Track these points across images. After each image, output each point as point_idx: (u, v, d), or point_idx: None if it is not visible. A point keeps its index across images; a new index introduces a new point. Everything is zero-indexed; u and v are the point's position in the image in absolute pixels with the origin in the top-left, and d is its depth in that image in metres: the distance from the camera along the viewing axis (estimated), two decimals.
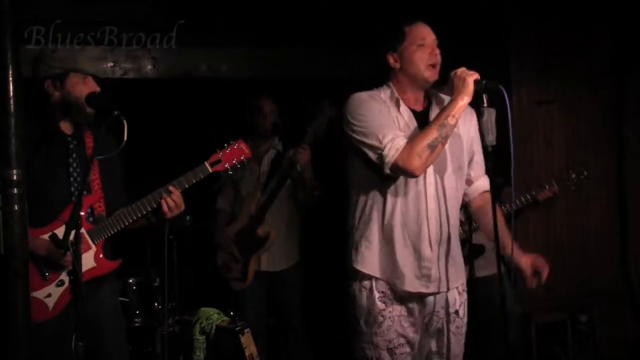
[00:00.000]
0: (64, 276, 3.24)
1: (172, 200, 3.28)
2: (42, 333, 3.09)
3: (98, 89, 3.30)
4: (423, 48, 3.08)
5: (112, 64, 5.37)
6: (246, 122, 4.98)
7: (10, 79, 2.64)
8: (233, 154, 3.42)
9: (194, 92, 5.76)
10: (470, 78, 2.93)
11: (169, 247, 4.01)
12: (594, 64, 5.22)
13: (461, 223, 3.88)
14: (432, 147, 2.91)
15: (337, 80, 5.41)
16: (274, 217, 4.84)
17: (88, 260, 3.23)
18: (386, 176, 3.03)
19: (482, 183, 3.27)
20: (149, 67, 5.46)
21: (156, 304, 4.48)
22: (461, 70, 2.98)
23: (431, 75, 3.09)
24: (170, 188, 3.28)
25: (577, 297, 5.10)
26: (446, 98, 3.11)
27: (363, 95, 3.13)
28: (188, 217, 4.32)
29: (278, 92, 5.08)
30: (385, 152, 2.95)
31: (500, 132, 2.92)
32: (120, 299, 3.84)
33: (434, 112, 3.14)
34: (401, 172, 2.98)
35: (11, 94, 2.64)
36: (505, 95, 2.86)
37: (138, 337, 4.35)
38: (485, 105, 2.91)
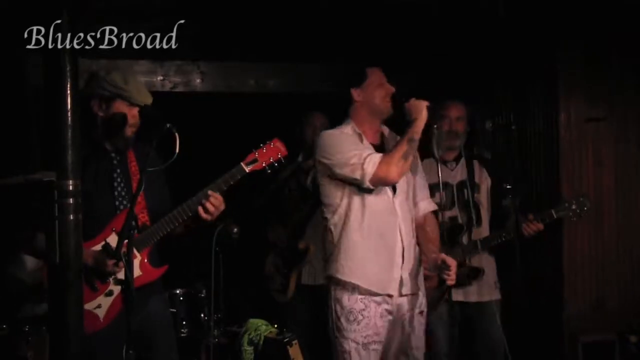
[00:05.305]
0: (112, 286, 3.29)
1: (211, 204, 3.32)
2: (94, 345, 3.10)
3: (139, 120, 3.36)
4: (382, 86, 3.72)
5: (161, 77, 5.45)
6: (296, 136, 5.01)
7: (68, 91, 2.69)
8: (269, 152, 3.45)
9: (242, 106, 5.82)
10: (423, 105, 3.56)
11: (216, 258, 4.05)
12: None
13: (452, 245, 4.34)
14: (405, 157, 3.51)
15: None
16: (317, 231, 4.86)
17: (134, 269, 3.23)
18: (364, 191, 3.58)
19: (425, 205, 3.84)
20: (198, 81, 5.54)
21: (202, 315, 4.52)
22: (414, 100, 3.60)
23: (388, 105, 3.70)
24: (209, 192, 3.32)
25: (626, 317, 5.00)
26: (392, 133, 3.80)
27: (334, 131, 3.76)
28: (235, 229, 4.35)
29: (325, 107, 5.11)
30: (365, 166, 3.50)
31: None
32: None
33: (388, 144, 3.75)
34: (381, 181, 3.55)
35: (69, 106, 2.70)
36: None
37: (184, 348, 4.38)
38: (435, 126, 3.63)
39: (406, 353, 3.69)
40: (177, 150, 3.09)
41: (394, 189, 3.67)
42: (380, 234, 3.62)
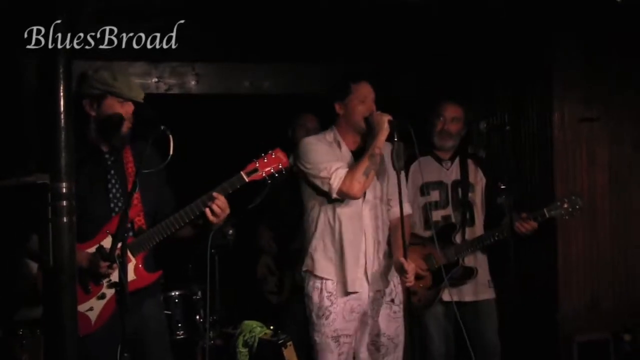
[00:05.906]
0: (105, 289, 3.28)
1: (217, 206, 3.30)
2: (88, 347, 3.08)
3: (132, 115, 3.35)
4: (364, 103, 3.87)
5: (156, 79, 5.45)
6: (288, 137, 5.01)
7: (61, 94, 2.68)
8: (270, 162, 3.41)
9: (237, 108, 5.81)
10: (384, 119, 3.75)
11: (211, 261, 4.05)
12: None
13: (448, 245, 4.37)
14: (366, 173, 3.75)
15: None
16: None
17: (128, 273, 3.22)
18: (334, 199, 3.83)
19: (397, 209, 3.84)
20: (193, 82, 5.53)
21: (198, 317, 4.51)
22: (377, 113, 3.81)
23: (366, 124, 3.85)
24: (214, 194, 3.30)
25: (621, 316, 5.01)
26: None
27: (312, 140, 3.97)
28: (231, 231, 4.36)
29: (321, 109, 5.10)
30: (331, 181, 3.77)
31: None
32: None
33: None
34: (345, 195, 3.79)
35: (62, 108, 2.69)
36: (412, 132, 3.72)
37: (180, 350, 4.38)
38: (395, 139, 3.73)
39: (374, 342, 3.93)
40: (171, 153, 3.10)
41: (364, 195, 3.88)
42: (346, 237, 3.85)
